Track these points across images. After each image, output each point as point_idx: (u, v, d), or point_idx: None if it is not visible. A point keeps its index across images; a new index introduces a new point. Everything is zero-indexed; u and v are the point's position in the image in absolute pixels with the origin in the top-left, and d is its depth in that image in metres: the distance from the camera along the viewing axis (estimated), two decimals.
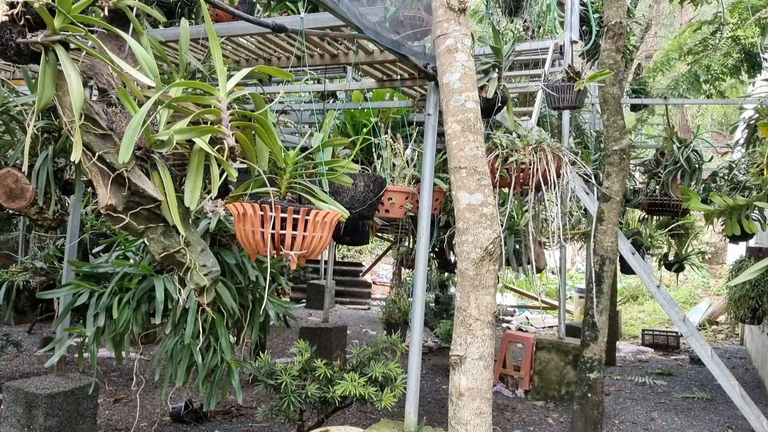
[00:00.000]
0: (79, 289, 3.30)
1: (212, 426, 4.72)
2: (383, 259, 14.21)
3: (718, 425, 5.47)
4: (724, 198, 3.53)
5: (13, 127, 3.60)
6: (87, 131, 1.98)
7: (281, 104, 5.26)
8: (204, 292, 2.27)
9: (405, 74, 4.01)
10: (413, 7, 3.69)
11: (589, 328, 4.48)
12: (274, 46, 3.77)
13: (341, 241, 4.72)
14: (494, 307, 2.63)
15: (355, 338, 8.16)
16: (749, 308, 6.17)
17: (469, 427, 2.52)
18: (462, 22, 2.82)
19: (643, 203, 6.28)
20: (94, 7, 2.07)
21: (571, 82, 4.55)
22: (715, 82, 8.46)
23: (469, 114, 2.74)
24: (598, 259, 4.55)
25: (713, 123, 16.47)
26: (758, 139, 5.55)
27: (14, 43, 1.91)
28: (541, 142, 3.81)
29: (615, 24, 4.49)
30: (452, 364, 2.62)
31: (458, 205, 2.70)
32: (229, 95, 2.12)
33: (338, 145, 2.98)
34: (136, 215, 2.09)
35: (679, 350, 9.20)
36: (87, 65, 2.13)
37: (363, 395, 3.46)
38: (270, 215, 2.24)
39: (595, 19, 6.32)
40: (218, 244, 3.31)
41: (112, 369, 6.16)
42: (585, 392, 4.45)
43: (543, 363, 6.05)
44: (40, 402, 3.61)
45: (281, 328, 4.98)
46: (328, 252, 7.66)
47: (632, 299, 13.93)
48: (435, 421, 5.02)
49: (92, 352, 3.23)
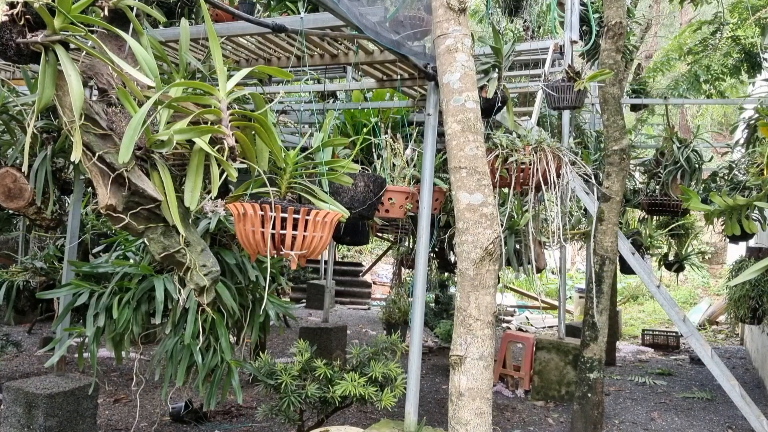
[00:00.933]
0: (79, 289, 3.30)
1: (212, 426, 4.72)
2: (383, 259, 14.21)
3: (718, 425, 5.47)
4: (724, 198, 3.53)
5: (13, 127, 3.60)
6: (87, 131, 1.98)
7: (281, 104, 5.25)
8: (204, 292, 2.27)
9: (405, 74, 4.01)
10: (413, 7, 3.68)
11: (589, 328, 4.48)
12: (274, 46, 3.77)
13: (341, 241, 4.72)
14: (494, 307, 2.63)
15: (355, 338, 8.16)
16: (749, 308, 6.17)
17: (469, 427, 2.52)
18: (462, 22, 2.82)
19: (643, 203, 6.28)
20: (94, 7, 2.07)
21: (571, 82, 4.55)
22: (715, 82, 8.45)
23: (469, 114, 2.74)
24: (598, 259, 4.55)
25: (713, 123, 16.47)
26: (758, 139, 5.55)
27: (14, 43, 1.91)
28: (541, 142, 3.81)
29: (615, 24, 4.49)
30: (452, 364, 2.62)
31: (458, 205, 2.70)
32: (229, 95, 2.12)
33: (338, 145, 2.98)
34: (136, 215, 2.09)
35: (679, 350, 9.19)
36: (87, 65, 2.13)
37: (363, 395, 3.46)
38: (270, 215, 2.24)
39: (595, 19, 6.32)
40: (218, 244, 3.31)
41: (112, 369, 6.16)
42: (585, 392, 4.45)
43: (543, 363, 6.05)
44: (40, 402, 3.61)
45: (281, 328, 4.99)
46: (328, 252, 7.66)
47: (632, 299, 13.93)
48: (435, 421, 5.02)
49: (92, 352, 3.23)
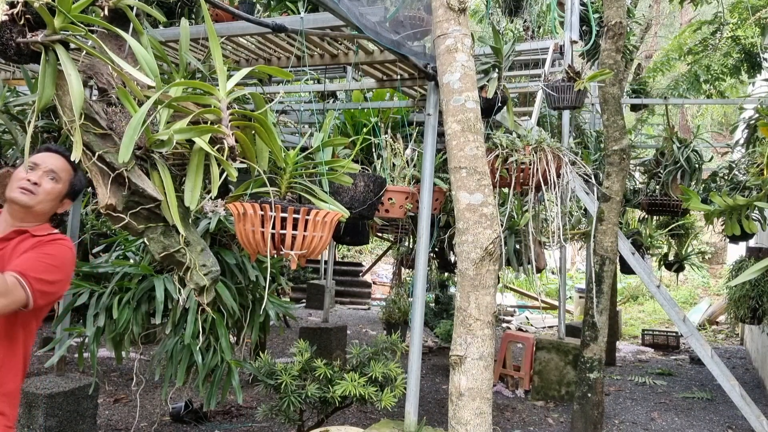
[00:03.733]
0: (79, 289, 3.30)
1: (212, 426, 4.72)
2: (383, 259, 14.21)
3: (718, 425, 5.47)
4: (724, 198, 3.53)
5: (14, 127, 3.60)
6: (87, 131, 1.98)
7: (281, 104, 5.25)
8: (204, 292, 2.27)
9: (405, 74, 4.01)
10: (413, 7, 3.69)
11: (589, 328, 4.48)
12: (274, 46, 3.77)
13: (341, 241, 4.72)
14: (494, 307, 2.63)
15: (355, 338, 8.16)
16: (749, 308, 6.17)
17: (469, 427, 2.52)
18: (462, 22, 2.82)
19: (643, 203, 6.28)
20: (94, 7, 2.06)
21: (571, 82, 4.55)
22: (715, 82, 8.45)
23: (469, 114, 2.74)
24: (598, 259, 4.55)
25: (713, 123, 16.46)
26: (758, 139, 5.56)
27: (14, 43, 1.90)
28: (541, 142, 3.81)
29: (615, 24, 4.49)
30: (452, 364, 2.62)
31: (458, 205, 2.70)
32: (229, 95, 2.12)
33: (338, 145, 2.98)
34: (136, 215, 2.08)
35: (679, 350, 9.19)
36: (87, 65, 2.13)
37: (363, 395, 3.46)
38: (270, 215, 2.24)
39: (595, 19, 6.32)
40: (218, 244, 3.31)
41: (112, 369, 6.16)
42: (585, 392, 4.44)
43: (543, 363, 6.05)
44: (40, 402, 3.61)
45: (281, 328, 4.98)
46: (328, 252, 7.66)
47: (632, 299, 13.93)
48: (435, 421, 5.02)
49: (92, 352, 3.23)
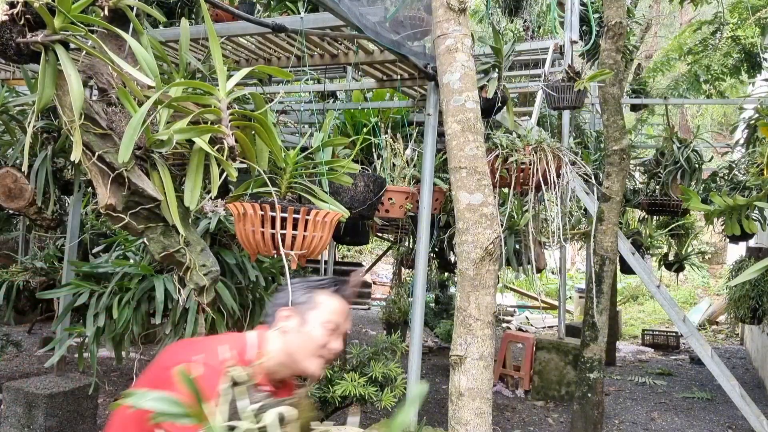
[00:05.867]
0: (79, 289, 3.30)
1: None
2: (383, 259, 14.19)
3: (718, 425, 5.47)
4: (724, 198, 3.53)
5: (13, 127, 3.60)
6: (87, 131, 1.98)
7: (281, 104, 5.25)
8: (204, 291, 2.27)
9: (405, 74, 4.01)
10: (413, 7, 3.68)
11: (589, 328, 4.48)
12: (274, 46, 3.77)
13: (341, 241, 4.72)
14: (494, 307, 2.63)
15: (355, 338, 8.16)
16: (749, 308, 6.17)
17: (469, 427, 2.52)
18: (462, 22, 2.82)
19: (643, 203, 6.28)
20: (94, 7, 2.06)
21: (571, 82, 4.55)
22: (715, 82, 8.45)
23: (469, 114, 2.74)
24: (598, 259, 4.55)
25: (713, 123, 16.46)
26: (758, 139, 5.55)
27: (14, 43, 1.90)
28: (541, 142, 3.81)
29: (615, 24, 4.49)
30: (452, 364, 2.62)
31: (458, 205, 2.70)
32: (229, 95, 2.12)
33: (338, 145, 2.98)
34: (136, 215, 2.08)
35: (679, 350, 9.19)
36: (87, 65, 2.13)
37: (363, 395, 3.46)
38: (270, 215, 2.24)
39: (595, 19, 6.31)
40: (218, 244, 3.31)
41: (112, 369, 6.16)
42: (585, 392, 4.44)
43: (543, 363, 6.05)
44: (40, 402, 3.61)
45: None
46: (328, 252, 7.65)
47: (632, 299, 13.93)
48: (435, 421, 5.01)
49: (92, 352, 3.23)
